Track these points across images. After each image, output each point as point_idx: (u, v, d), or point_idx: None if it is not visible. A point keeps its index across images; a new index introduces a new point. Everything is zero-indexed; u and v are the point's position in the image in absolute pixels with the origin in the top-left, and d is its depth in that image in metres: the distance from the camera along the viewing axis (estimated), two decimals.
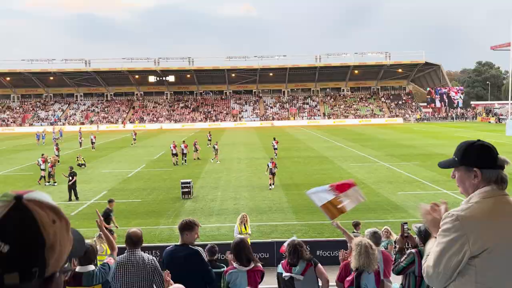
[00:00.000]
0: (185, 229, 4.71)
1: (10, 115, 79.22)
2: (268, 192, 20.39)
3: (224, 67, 78.78)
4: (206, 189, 21.30)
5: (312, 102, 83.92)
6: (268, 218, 16.15)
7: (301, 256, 5.05)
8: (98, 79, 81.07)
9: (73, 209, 17.94)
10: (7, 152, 39.48)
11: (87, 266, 4.03)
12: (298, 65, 79.45)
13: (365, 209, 16.99)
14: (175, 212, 17.18)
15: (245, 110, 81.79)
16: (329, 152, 34.58)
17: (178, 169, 27.82)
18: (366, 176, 23.87)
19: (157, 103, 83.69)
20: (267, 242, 12.37)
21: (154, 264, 4.63)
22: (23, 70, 77.37)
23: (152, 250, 10.91)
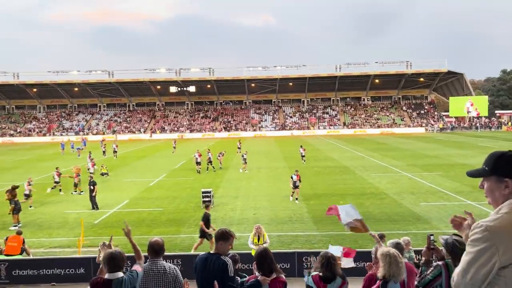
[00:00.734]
0: (220, 239, 4.73)
1: (36, 125, 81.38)
2: (288, 202, 20.30)
3: (244, 77, 79.30)
4: (226, 199, 21.36)
5: (332, 111, 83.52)
6: (289, 228, 16.07)
7: (335, 270, 4.89)
8: (120, 89, 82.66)
9: (96, 218, 18.23)
10: (33, 161, 40.52)
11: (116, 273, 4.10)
12: (317, 75, 79.34)
13: (387, 220, 16.75)
14: (196, 221, 17.24)
15: (265, 120, 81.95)
16: (350, 162, 34.27)
17: (199, 178, 28.01)
18: (387, 186, 23.55)
19: (178, 113, 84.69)
20: (288, 252, 12.30)
21: (176, 273, 4.65)
22: (49, 81, 79.55)
23: (173, 259, 10.98)
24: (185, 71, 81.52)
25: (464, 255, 2.08)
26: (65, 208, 20.22)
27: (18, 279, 11.64)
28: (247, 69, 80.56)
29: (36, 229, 16.69)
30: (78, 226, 15.76)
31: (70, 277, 11.53)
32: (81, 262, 11.93)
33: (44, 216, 18.84)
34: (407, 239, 9.26)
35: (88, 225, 16.61)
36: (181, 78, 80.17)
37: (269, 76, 79.43)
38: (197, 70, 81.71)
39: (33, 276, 11.80)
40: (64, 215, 18.88)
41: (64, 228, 16.83)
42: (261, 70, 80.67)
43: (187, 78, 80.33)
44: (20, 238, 12.63)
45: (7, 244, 12.53)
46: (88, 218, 17.87)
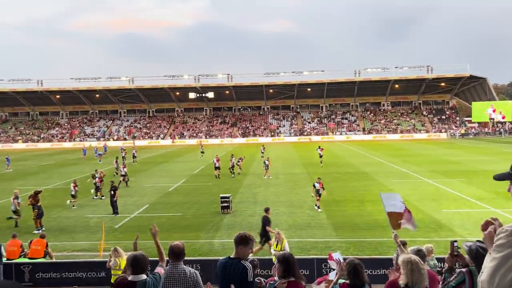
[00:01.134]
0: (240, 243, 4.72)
1: (59, 131, 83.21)
2: (307, 208, 20.19)
3: (262, 83, 79.51)
4: (245, 204, 21.38)
5: (351, 117, 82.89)
6: (307, 235, 15.98)
7: (363, 277, 4.80)
8: (140, 96, 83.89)
9: (117, 222, 18.48)
10: (56, 166, 41.38)
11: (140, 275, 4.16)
12: (336, 80, 78.96)
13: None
14: (215, 226, 17.33)
15: (283, 126, 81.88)
16: (370, 167, 33.90)
17: (217, 183, 28.13)
18: (408, 192, 23.18)
19: (196, 119, 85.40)
20: (307, 258, 12.22)
21: (196, 277, 4.67)
22: (72, 88, 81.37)
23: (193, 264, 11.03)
24: (204, 77, 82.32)
25: (489, 261, 2.04)
26: (86, 213, 20.57)
27: (41, 282, 11.88)
28: (265, 75, 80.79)
29: (59, 233, 17.01)
30: (99, 230, 16.00)
31: (91, 281, 11.71)
32: (102, 266, 12.09)
33: (67, 220, 19.21)
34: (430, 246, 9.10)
35: (109, 230, 16.85)
36: (200, 84, 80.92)
37: (287, 82, 79.47)
38: (216, 76, 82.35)
39: (56, 279, 12.02)
40: (86, 219, 19.21)
41: (86, 232, 17.11)
42: (279, 76, 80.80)
43: (206, 84, 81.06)
44: (44, 241, 12.90)
45: (31, 247, 12.82)
46: (109, 223, 18.13)
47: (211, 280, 5.25)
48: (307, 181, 28.41)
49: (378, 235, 15.38)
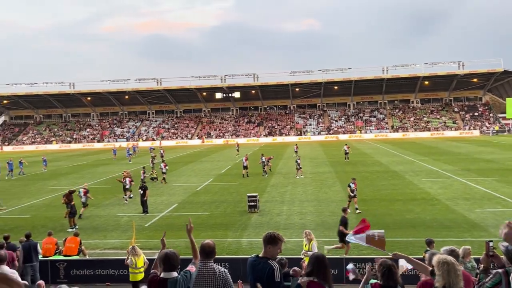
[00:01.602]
0: (269, 243, 4.71)
1: (90, 132, 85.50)
2: (336, 207, 20.00)
3: (288, 81, 79.30)
4: (272, 203, 21.39)
5: (380, 115, 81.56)
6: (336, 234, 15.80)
7: (396, 279, 4.68)
8: (168, 97, 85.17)
9: (147, 221, 18.84)
10: (88, 167, 42.54)
11: (171, 273, 4.23)
12: (363, 78, 77.88)
13: (440, 226, 16.11)
14: (242, 225, 17.41)
15: (309, 124, 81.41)
16: (399, 166, 33.28)
17: (244, 183, 28.25)
18: (439, 192, 22.64)
19: (223, 119, 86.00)
20: (335, 258, 12.12)
21: (225, 276, 4.68)
22: (102, 90, 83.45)
23: (221, 262, 11.13)
24: (230, 77, 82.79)
25: None
26: (117, 211, 21.05)
27: (75, 279, 12.24)
28: (291, 74, 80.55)
29: (91, 231, 17.49)
30: (130, 228, 16.34)
31: (123, 278, 11.96)
32: None
33: (99, 219, 19.72)
34: (468, 248, 8.82)
35: (139, 228, 17.19)
36: (226, 85, 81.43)
37: (313, 80, 78.97)
38: (242, 76, 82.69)
39: (89, 276, 12.37)
40: (117, 218, 19.66)
41: (117, 231, 17.52)
42: (305, 74, 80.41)
43: (232, 84, 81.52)
44: (77, 239, 13.29)
45: (65, 245, 13.23)
46: (139, 221, 18.50)
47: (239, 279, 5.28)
48: (335, 180, 28.16)
49: (408, 234, 15.09)
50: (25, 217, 20.62)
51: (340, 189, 24.62)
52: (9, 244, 11.69)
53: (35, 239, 12.88)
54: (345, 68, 79.69)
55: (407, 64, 77.92)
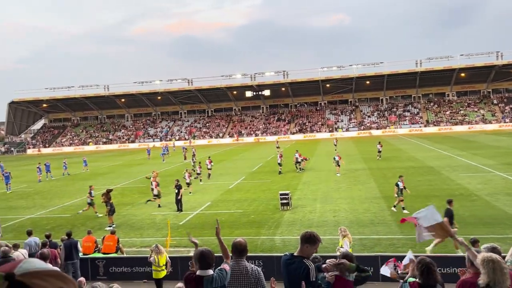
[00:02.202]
0: (307, 242, 4.68)
1: (125, 133, 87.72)
2: (370, 204, 19.70)
3: (319, 78, 78.56)
4: (304, 201, 21.28)
5: (414, 109, 79.52)
6: (371, 231, 15.58)
7: (436, 277, 4.56)
8: (199, 96, 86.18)
9: (181, 219, 19.16)
10: (123, 167, 43.68)
11: (207, 271, 4.30)
12: (396, 71, 76.12)
13: (479, 223, 15.57)
14: (275, 223, 17.42)
15: (341, 120, 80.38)
16: (435, 161, 32.35)
17: (276, 180, 28.23)
18: (478, 187, 21.85)
19: (253, 117, 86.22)
20: (370, 256, 11.94)
21: (258, 275, 4.68)
22: (135, 91, 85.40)
23: (255, 260, 11.18)
24: (259, 75, 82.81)
25: None
26: (152, 210, 21.51)
27: (114, 276, 12.61)
28: (321, 69, 79.76)
29: (128, 230, 17.96)
30: (165, 227, 16.67)
31: None
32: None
33: (135, 217, 20.22)
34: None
35: (174, 226, 17.50)
36: (256, 83, 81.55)
37: (344, 76, 77.88)
38: (272, 73, 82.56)
39: (127, 273, 12.72)
40: (152, 217, 20.10)
41: (153, 229, 17.91)
42: (336, 70, 79.36)
43: (261, 82, 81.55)
44: (115, 237, 13.69)
45: (104, 243, 13.66)
46: (174, 220, 18.84)
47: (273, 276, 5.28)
48: (368, 176, 27.71)
49: None
50: (65, 216, 21.40)
51: (374, 186, 24.21)
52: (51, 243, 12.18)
53: (75, 237, 13.36)
54: (377, 62, 78.20)
55: (441, 57, 75.56)
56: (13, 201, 26.67)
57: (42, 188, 31.62)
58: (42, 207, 23.98)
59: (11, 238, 15.89)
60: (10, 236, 16.86)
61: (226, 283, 4.36)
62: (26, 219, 21.12)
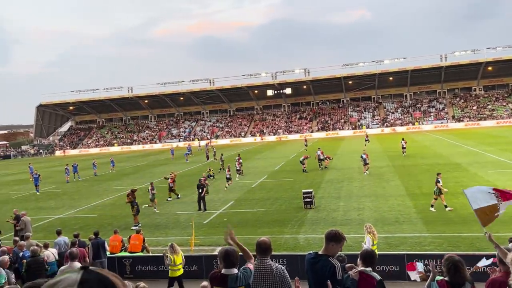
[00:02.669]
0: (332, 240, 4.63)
1: (149, 134, 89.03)
2: (394, 202, 19.41)
3: (340, 75, 77.78)
4: (327, 199, 21.13)
5: (439, 104, 77.82)
6: (396, 230, 15.36)
7: (464, 275, 4.48)
8: (221, 96, 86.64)
9: (205, 218, 19.32)
10: (147, 167, 44.35)
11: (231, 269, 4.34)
12: (420, 67, 74.59)
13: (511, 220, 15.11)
14: (299, 221, 17.37)
15: (364, 117, 79.39)
16: (462, 158, 31.60)
17: (299, 179, 28.13)
18: (509, 184, 21.18)
19: (275, 116, 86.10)
20: (396, 254, 11.76)
21: (282, 273, 4.66)
22: (158, 92, 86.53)
23: (279, 259, 11.17)
24: (281, 74, 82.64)
25: None
26: (176, 209, 21.77)
27: (140, 274, 12.83)
28: (343, 66, 78.92)
29: (153, 229, 18.24)
30: (189, 226, 16.85)
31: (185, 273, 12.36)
32: (194, 260, 12.75)
33: (160, 217, 20.50)
34: None
35: (198, 225, 17.67)
36: (277, 81, 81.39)
37: (366, 72, 76.84)
38: (293, 71, 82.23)
39: (153, 272, 12.91)
40: (176, 216, 20.34)
41: (177, 228, 18.13)
42: (358, 66, 78.40)
43: (283, 80, 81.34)
44: (141, 236, 13.92)
45: (130, 242, 13.91)
46: (198, 219, 19.01)
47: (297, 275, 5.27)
48: (393, 174, 27.30)
49: (475, 229, 14.28)
50: (92, 216, 21.90)
51: (399, 184, 23.84)
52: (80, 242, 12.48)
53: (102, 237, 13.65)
54: (400, 58, 76.82)
55: (467, 50, 73.63)
56: (42, 202, 27.46)
57: (70, 189, 32.44)
58: (71, 207, 24.60)
59: (42, 238, 16.36)
60: (40, 236, 17.37)
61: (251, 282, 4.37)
62: (55, 219, 21.71)
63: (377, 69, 76.18)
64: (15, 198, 29.88)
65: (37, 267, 10.48)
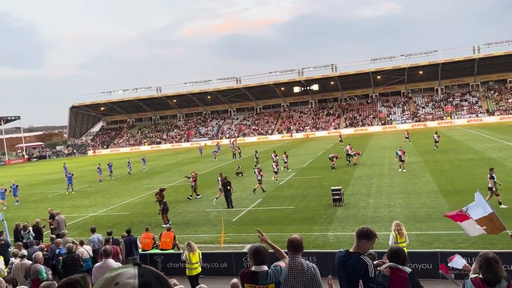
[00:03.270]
0: (364, 237, 4.60)
1: (178, 133, 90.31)
2: (426, 199, 18.97)
3: (369, 69, 76.52)
4: (357, 196, 20.87)
5: (472, 98, 75.41)
6: (428, 227, 15.01)
7: (498, 272, 4.35)
8: (248, 94, 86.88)
9: (234, 216, 19.45)
10: (177, 165, 45.01)
11: (261, 266, 4.35)
12: (452, 59, 72.46)
13: None
14: (328, 219, 17.23)
15: (394, 113, 77.85)
16: (497, 153, 30.54)
17: (327, 176, 27.89)
18: None
19: (302, 113, 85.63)
20: (429, 252, 11.50)
21: (313, 272, 4.63)
22: (186, 92, 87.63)
23: (308, 256, 11.12)
24: (307, 70, 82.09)
25: None
26: (206, 207, 22.01)
27: (171, 271, 13.03)
28: (371, 61, 77.61)
29: (184, 226, 18.51)
30: (219, 223, 17.01)
31: (215, 271, 12.50)
32: (224, 257, 12.87)
33: (190, 214, 20.79)
34: None
35: (227, 223, 17.81)
36: (304, 78, 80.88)
37: (396, 67, 75.30)
38: (320, 68, 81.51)
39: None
40: (206, 214, 20.57)
41: (207, 225, 18.33)
42: (387, 61, 76.92)
43: (310, 77, 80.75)
44: (171, 234, 14.15)
45: (161, 239, 14.16)
46: (227, 216, 19.16)
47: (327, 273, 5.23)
48: (424, 170, 26.69)
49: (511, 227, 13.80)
50: (124, 214, 22.42)
51: (430, 180, 23.29)
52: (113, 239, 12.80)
53: (134, 234, 13.95)
54: (431, 51, 74.86)
55: (501, 41, 70.99)
56: (77, 200, 28.32)
57: (102, 188, 33.31)
58: (103, 206, 25.27)
59: (77, 235, 16.89)
60: (75, 233, 17.93)
61: (281, 279, 4.36)
62: (89, 217, 22.36)
63: (407, 63, 74.52)
64: (51, 197, 30.94)
65: (72, 263, 10.83)
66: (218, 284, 11.17)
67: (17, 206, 28.22)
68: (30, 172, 56.35)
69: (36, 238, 14.84)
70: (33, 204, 28.39)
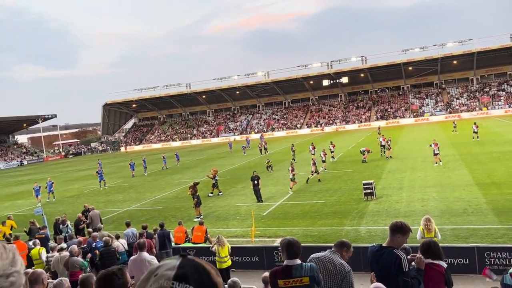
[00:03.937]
0: (398, 232, 4.55)
1: (207, 128, 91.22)
2: (462, 192, 18.44)
3: (400, 61, 74.70)
4: (389, 190, 20.51)
5: (510, 87, 72.43)
6: (464, 221, 14.59)
7: None
8: (276, 88, 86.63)
9: (264, 210, 19.52)
10: (206, 161, 45.51)
11: (294, 260, 4.34)
12: (488, 48, 69.75)
13: None
14: (359, 213, 17.03)
15: (426, 104, 75.81)
16: None
17: (358, 169, 27.53)
18: None
19: (331, 106, 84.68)
20: (465, 247, 11.19)
21: (344, 272, 4.53)
22: (215, 87, 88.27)
23: None
24: (336, 62, 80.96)
25: None
26: (236, 201, 22.18)
27: None
28: (402, 52, 75.71)
29: (215, 220, 18.73)
30: (249, 217, 17.12)
31: (246, 264, 12.61)
32: (255, 251, 12.95)
33: (221, 208, 21.01)
34: None
35: (258, 217, 17.89)
36: (333, 71, 79.85)
37: (428, 57, 73.14)
38: (349, 60, 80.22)
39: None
40: (236, 208, 20.73)
41: (238, 219, 18.48)
42: (419, 51, 74.82)
43: (339, 69, 79.63)
44: (203, 228, 14.35)
45: (193, 233, 14.39)
46: (257, 210, 19.25)
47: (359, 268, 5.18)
48: (459, 163, 25.93)
49: None
50: (157, 208, 22.89)
51: (465, 173, 22.61)
52: (147, 233, 13.11)
53: (167, 228, 14.23)
54: (465, 40, 72.32)
55: None
56: (111, 195, 29.13)
57: (135, 183, 34.10)
58: (137, 200, 25.88)
59: (112, 229, 17.39)
60: (111, 227, 18.47)
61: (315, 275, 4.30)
62: (123, 212, 22.96)
63: (439, 53, 72.29)
64: (86, 192, 31.96)
65: (109, 256, 11.18)
66: (249, 278, 11.26)
67: (55, 201, 29.29)
68: (65, 168, 58.33)
69: (76, 232, 15.41)
70: (70, 199, 29.41)
